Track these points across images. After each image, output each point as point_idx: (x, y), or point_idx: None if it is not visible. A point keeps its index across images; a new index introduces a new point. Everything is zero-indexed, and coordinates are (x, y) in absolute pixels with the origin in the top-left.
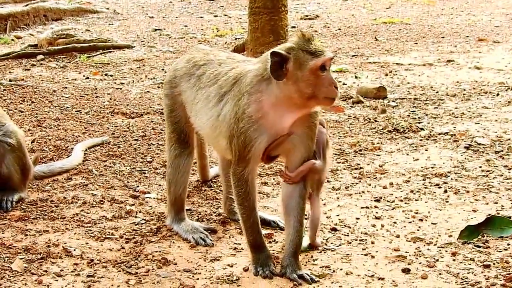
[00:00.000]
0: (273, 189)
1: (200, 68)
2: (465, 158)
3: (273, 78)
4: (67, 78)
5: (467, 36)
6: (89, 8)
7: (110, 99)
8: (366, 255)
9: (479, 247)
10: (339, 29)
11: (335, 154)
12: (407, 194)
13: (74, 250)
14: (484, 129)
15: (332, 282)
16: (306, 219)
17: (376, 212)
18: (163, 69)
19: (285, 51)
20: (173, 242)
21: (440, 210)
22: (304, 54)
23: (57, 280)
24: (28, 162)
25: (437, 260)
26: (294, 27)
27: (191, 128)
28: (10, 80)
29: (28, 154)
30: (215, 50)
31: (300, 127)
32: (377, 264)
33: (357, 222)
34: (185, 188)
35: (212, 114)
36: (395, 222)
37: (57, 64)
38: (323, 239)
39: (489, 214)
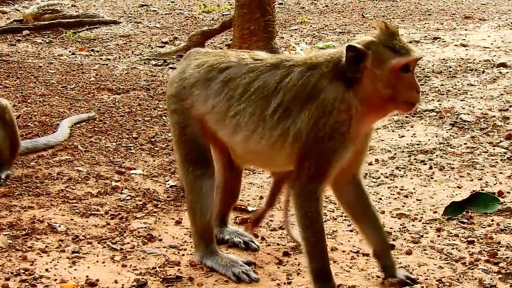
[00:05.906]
0: None
1: (223, 72)
2: (450, 135)
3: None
4: (53, 53)
5: (454, 14)
6: None
7: (96, 75)
8: (351, 231)
9: (464, 223)
10: (326, 5)
11: None
12: (392, 170)
13: (59, 226)
14: (470, 106)
15: None
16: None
17: None
18: (149, 45)
19: (363, 46)
20: (159, 219)
21: (425, 186)
22: (386, 51)
23: (41, 256)
24: (18, 138)
25: (422, 236)
26: (281, 3)
27: (212, 143)
28: None
29: (18, 131)
30: (222, 51)
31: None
32: (362, 240)
33: None
34: (212, 213)
35: (272, 134)
36: (380, 199)
37: (43, 40)
38: None
39: (474, 191)
